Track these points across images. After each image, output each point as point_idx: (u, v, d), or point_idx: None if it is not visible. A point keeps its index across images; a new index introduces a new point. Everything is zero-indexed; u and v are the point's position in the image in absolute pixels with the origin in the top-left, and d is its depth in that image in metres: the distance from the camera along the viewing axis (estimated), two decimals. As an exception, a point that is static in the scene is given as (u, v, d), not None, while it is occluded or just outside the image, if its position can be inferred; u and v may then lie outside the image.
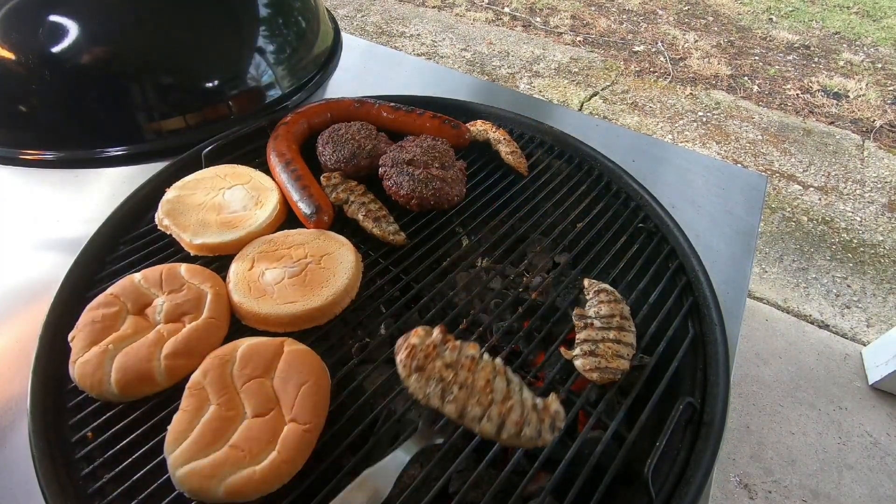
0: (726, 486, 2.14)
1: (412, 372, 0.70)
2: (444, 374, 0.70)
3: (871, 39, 5.46)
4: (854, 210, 3.51)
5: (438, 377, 0.69)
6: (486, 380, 0.71)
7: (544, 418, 0.70)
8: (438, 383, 0.69)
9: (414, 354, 0.71)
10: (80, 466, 0.77)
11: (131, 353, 0.83)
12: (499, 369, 0.73)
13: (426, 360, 0.70)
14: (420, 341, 0.72)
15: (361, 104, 1.37)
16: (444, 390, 0.69)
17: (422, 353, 0.71)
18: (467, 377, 0.70)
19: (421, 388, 0.69)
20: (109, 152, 1.34)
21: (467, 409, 0.68)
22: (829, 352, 2.64)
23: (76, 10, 1.30)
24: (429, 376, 0.69)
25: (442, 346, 0.73)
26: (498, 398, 0.69)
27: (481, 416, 0.68)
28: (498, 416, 0.68)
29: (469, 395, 0.69)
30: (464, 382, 0.70)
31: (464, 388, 0.69)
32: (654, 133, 4.09)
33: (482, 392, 0.69)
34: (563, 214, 1.20)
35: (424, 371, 0.70)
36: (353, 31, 5.17)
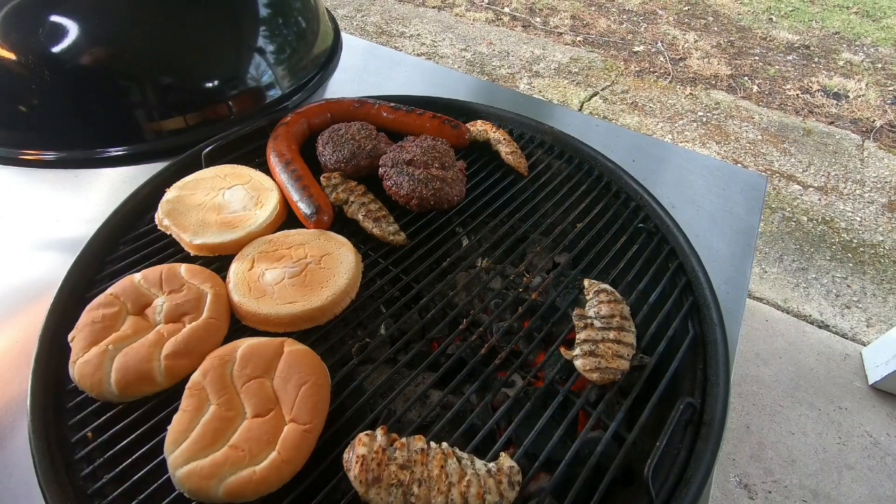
0: (726, 486, 2.14)
1: (370, 486, 0.70)
2: (401, 476, 0.70)
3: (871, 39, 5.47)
4: (854, 210, 3.51)
5: (396, 482, 0.70)
6: (440, 467, 0.72)
7: (501, 479, 0.72)
8: (398, 488, 0.69)
9: (367, 466, 0.70)
10: (79, 467, 0.77)
11: (131, 354, 0.83)
12: (447, 452, 0.75)
13: (380, 468, 0.71)
14: (367, 449, 0.72)
15: (361, 104, 1.37)
16: (405, 493, 0.69)
17: (374, 462, 0.71)
18: (423, 471, 0.71)
19: (383, 500, 0.69)
20: (109, 152, 1.34)
21: (433, 501, 0.69)
22: (829, 352, 2.64)
23: (76, 11, 1.30)
24: (388, 484, 0.70)
25: (390, 449, 0.73)
26: (454, 480, 0.71)
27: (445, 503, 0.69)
28: (461, 497, 0.70)
29: (429, 488, 0.70)
30: (421, 478, 0.71)
31: (423, 485, 0.70)
32: (654, 133, 4.09)
33: (439, 480, 0.71)
34: (563, 214, 1.20)
35: (382, 481, 0.70)
36: (353, 31, 5.17)
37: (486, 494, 0.70)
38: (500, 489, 0.71)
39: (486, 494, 0.70)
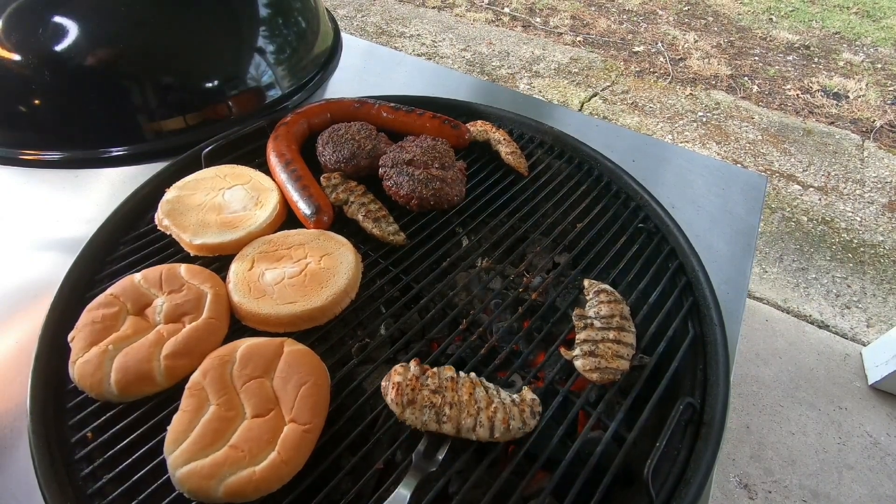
0: (726, 486, 2.14)
1: (405, 407, 0.78)
2: (434, 399, 0.78)
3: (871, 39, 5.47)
4: (854, 210, 3.51)
5: (430, 404, 0.78)
6: (469, 393, 0.80)
7: (524, 409, 0.80)
8: (431, 409, 0.77)
9: (401, 391, 0.78)
10: (79, 467, 0.77)
11: (131, 354, 0.83)
12: (475, 381, 0.82)
13: (414, 392, 0.78)
14: (402, 378, 0.80)
15: (361, 104, 1.37)
16: (438, 414, 0.77)
17: (408, 387, 0.79)
18: (453, 396, 0.79)
19: (417, 419, 0.77)
20: (110, 152, 1.34)
21: (461, 423, 0.77)
22: (829, 352, 2.64)
23: (77, 11, 1.30)
24: (421, 406, 0.77)
25: (423, 377, 0.80)
26: (482, 405, 0.79)
27: (474, 426, 0.77)
28: (488, 421, 0.77)
29: (459, 411, 0.78)
30: (452, 401, 0.78)
31: (454, 407, 0.78)
32: (654, 133, 4.09)
33: (469, 405, 0.78)
34: (563, 214, 1.20)
35: (416, 403, 0.78)
36: (353, 31, 5.17)
37: (510, 420, 0.78)
38: (524, 417, 0.79)
39: (510, 420, 0.78)
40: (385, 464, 0.85)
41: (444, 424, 0.77)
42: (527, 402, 0.81)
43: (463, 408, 0.78)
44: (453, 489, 0.85)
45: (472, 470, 0.79)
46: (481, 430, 0.77)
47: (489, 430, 0.77)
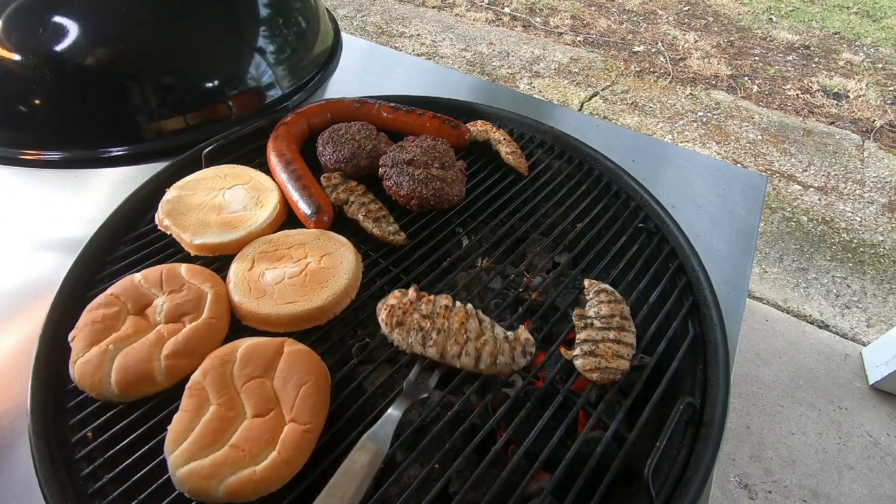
0: (726, 486, 2.14)
1: (393, 328, 0.80)
2: (423, 324, 0.80)
3: (871, 39, 5.47)
4: (854, 210, 3.51)
5: (417, 327, 0.79)
6: (461, 322, 0.80)
7: (516, 347, 0.80)
8: (418, 332, 0.79)
9: (393, 313, 0.80)
10: (80, 466, 0.77)
11: (131, 354, 0.83)
12: (470, 312, 0.82)
13: (405, 315, 0.80)
14: (397, 301, 0.81)
15: (361, 104, 1.37)
16: (424, 338, 0.79)
17: (400, 310, 0.80)
18: (443, 323, 0.80)
19: (403, 340, 0.79)
20: (110, 152, 1.34)
21: (447, 349, 0.78)
22: (829, 352, 2.64)
23: (77, 11, 1.30)
24: (409, 328, 0.79)
25: (418, 303, 0.81)
26: (472, 336, 0.79)
27: (459, 353, 0.78)
28: (475, 351, 0.78)
29: (446, 337, 0.78)
30: (441, 328, 0.79)
31: (441, 333, 0.79)
32: (654, 133, 4.09)
33: (458, 333, 0.79)
34: (563, 214, 1.20)
35: (404, 325, 0.80)
36: (353, 31, 5.17)
37: (499, 355, 0.78)
38: (514, 354, 0.79)
39: (499, 355, 0.78)
40: (385, 464, 0.85)
41: (430, 349, 0.79)
42: (520, 341, 0.81)
43: (451, 335, 0.79)
44: (453, 489, 0.85)
45: (472, 470, 0.79)
46: (466, 358, 0.78)
47: (474, 361, 0.78)
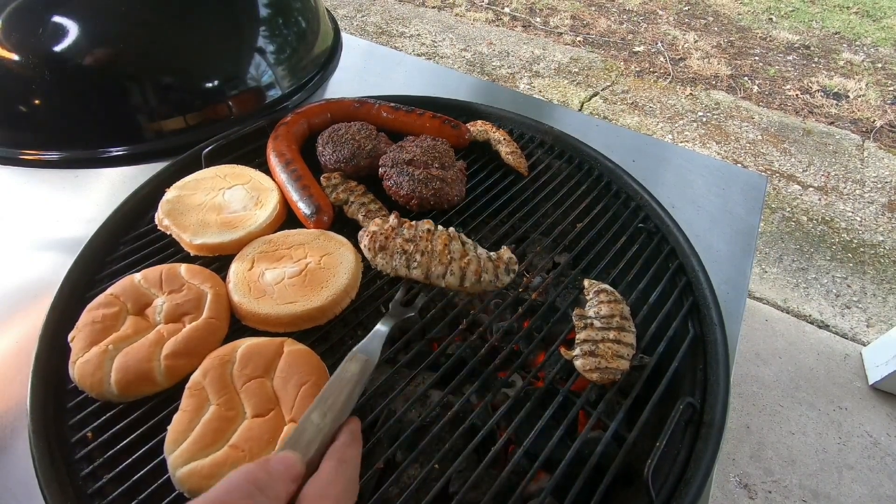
0: (726, 486, 2.14)
1: (377, 252, 0.81)
2: (406, 247, 0.81)
3: (871, 39, 5.47)
4: (854, 210, 3.51)
5: (401, 251, 0.80)
6: (444, 244, 0.82)
7: (499, 265, 0.81)
8: (402, 255, 0.80)
9: (375, 238, 0.81)
10: (80, 466, 0.77)
11: (131, 354, 0.83)
12: (453, 235, 0.83)
13: (387, 240, 0.81)
14: (378, 227, 0.81)
15: (361, 104, 1.37)
16: (408, 260, 0.80)
17: (382, 235, 0.81)
18: (427, 245, 0.81)
19: (387, 264, 0.81)
20: (110, 152, 1.34)
21: (431, 270, 0.80)
22: (828, 352, 2.64)
23: (76, 11, 1.30)
24: (392, 252, 0.80)
25: (400, 228, 0.82)
26: (456, 257, 0.81)
27: (444, 273, 0.80)
28: (459, 270, 0.80)
29: (430, 258, 0.80)
30: (424, 250, 0.80)
31: (425, 255, 0.80)
32: (654, 133, 4.09)
33: (441, 254, 0.81)
34: (563, 214, 1.20)
35: (388, 249, 0.81)
36: (353, 31, 5.18)
37: (483, 273, 0.80)
38: (497, 272, 0.81)
39: (483, 273, 0.80)
40: (385, 464, 0.85)
41: (414, 270, 0.80)
42: (503, 259, 0.83)
43: (435, 256, 0.80)
44: (453, 489, 0.85)
45: (472, 470, 0.79)
46: (451, 277, 0.80)
47: (459, 279, 0.80)
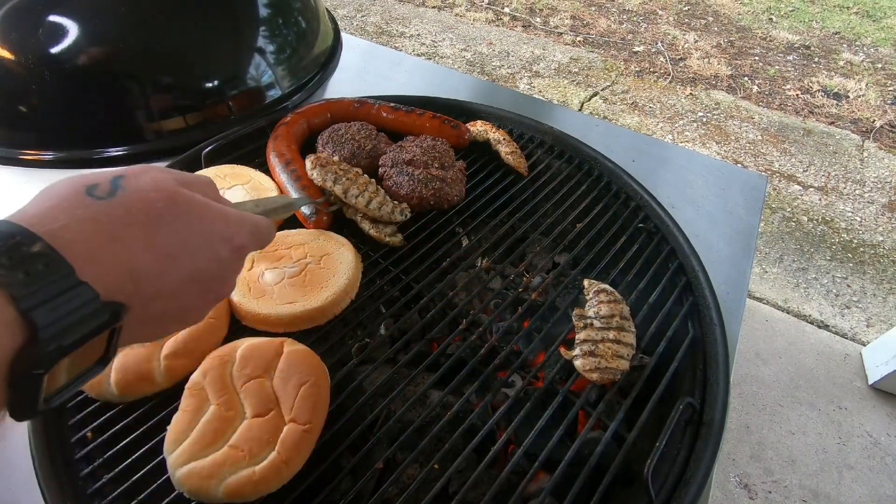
0: (726, 486, 2.14)
1: (316, 167, 1.07)
2: (338, 172, 1.08)
3: (871, 39, 5.47)
4: (854, 210, 3.51)
5: (334, 171, 1.07)
6: (365, 182, 1.10)
7: (397, 208, 1.10)
8: (333, 174, 1.07)
9: (319, 159, 1.09)
10: (79, 466, 0.77)
11: (131, 354, 0.83)
12: (371, 182, 1.11)
13: (327, 164, 1.09)
14: (325, 157, 1.11)
15: (361, 104, 1.37)
16: (336, 178, 1.06)
17: (322, 160, 1.09)
18: (353, 177, 1.09)
19: (321, 176, 1.07)
20: (109, 152, 1.34)
21: (349, 190, 1.06)
22: (828, 352, 2.64)
23: (76, 11, 1.30)
24: (327, 171, 1.07)
25: (339, 163, 1.11)
26: (371, 191, 1.08)
27: (357, 195, 1.06)
28: (368, 196, 1.07)
29: (352, 183, 1.07)
30: (350, 178, 1.08)
31: (349, 181, 1.07)
32: (654, 133, 4.09)
33: (360, 184, 1.08)
34: (563, 214, 1.20)
35: (325, 168, 1.07)
36: (353, 31, 5.18)
37: (384, 206, 1.08)
38: (394, 211, 1.09)
39: (384, 206, 1.08)
40: (385, 463, 0.85)
41: (337, 186, 1.05)
42: (400, 206, 1.10)
43: (355, 183, 1.07)
44: (453, 489, 0.85)
45: (472, 470, 0.79)
46: (360, 199, 1.06)
47: (366, 202, 1.06)
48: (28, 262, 0.38)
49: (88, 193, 0.45)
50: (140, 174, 0.50)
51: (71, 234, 0.41)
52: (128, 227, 0.45)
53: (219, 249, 0.53)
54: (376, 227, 1.10)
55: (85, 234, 0.42)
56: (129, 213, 0.46)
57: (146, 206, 0.47)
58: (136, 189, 0.47)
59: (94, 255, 0.42)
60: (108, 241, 0.43)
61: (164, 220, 0.48)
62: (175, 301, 0.49)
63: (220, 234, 0.53)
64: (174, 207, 0.49)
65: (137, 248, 0.45)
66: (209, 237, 0.52)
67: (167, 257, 0.47)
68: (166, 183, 0.50)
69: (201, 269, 0.51)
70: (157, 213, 0.47)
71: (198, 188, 0.55)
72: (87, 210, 0.44)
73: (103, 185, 0.47)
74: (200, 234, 0.51)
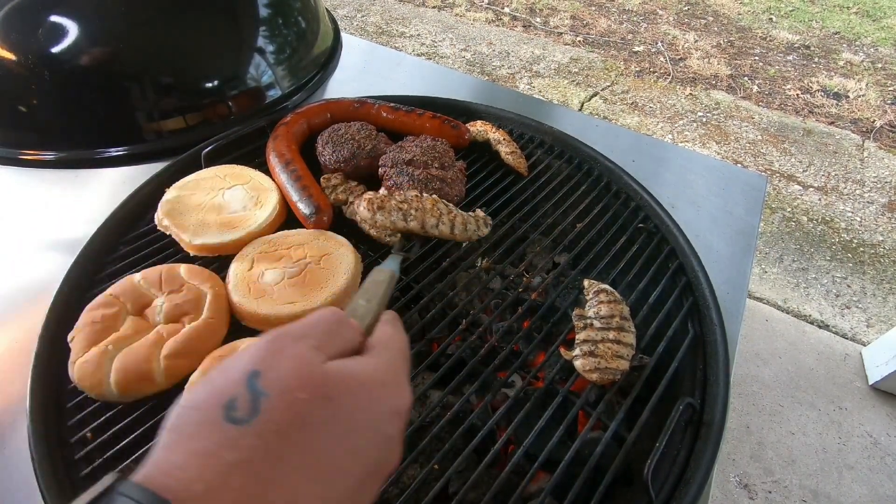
0: (726, 486, 2.14)
1: (376, 211, 0.97)
2: (401, 206, 0.98)
3: (871, 39, 5.47)
4: (854, 210, 3.51)
5: (397, 209, 0.97)
6: (432, 204, 1.01)
7: (479, 220, 1.04)
8: (399, 212, 0.97)
9: (373, 201, 0.98)
10: (79, 466, 0.77)
11: (131, 354, 0.83)
12: (436, 199, 1.03)
13: (383, 202, 0.97)
14: (373, 195, 0.99)
15: (361, 104, 1.37)
16: (405, 215, 0.97)
17: (378, 199, 0.98)
18: (418, 205, 0.99)
19: (387, 219, 0.97)
20: (109, 152, 1.34)
21: (426, 221, 0.98)
22: (829, 352, 2.64)
23: (76, 11, 1.30)
24: (389, 210, 0.97)
25: (390, 196, 1.00)
26: (444, 212, 1.00)
27: (437, 224, 0.98)
28: (449, 222, 0.99)
29: (423, 213, 0.98)
30: (417, 207, 0.98)
31: (419, 211, 0.98)
32: (654, 133, 4.09)
33: (432, 210, 0.99)
34: (563, 214, 1.20)
35: (385, 208, 0.97)
36: (353, 31, 5.17)
37: (467, 224, 1.01)
38: (478, 224, 1.04)
39: (467, 224, 1.01)
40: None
41: (412, 222, 0.96)
42: (479, 217, 1.05)
43: (426, 212, 0.98)
44: (453, 489, 0.85)
45: (472, 470, 0.79)
46: (444, 227, 0.98)
47: (450, 228, 0.99)
48: None
49: (228, 418, 0.36)
50: (276, 363, 0.39)
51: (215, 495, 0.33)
52: (281, 461, 0.35)
53: (387, 429, 0.42)
54: (376, 227, 1.10)
55: (233, 490, 0.33)
56: (281, 435, 0.36)
57: (298, 417, 0.37)
58: (280, 391, 0.37)
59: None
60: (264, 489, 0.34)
61: (324, 429, 0.38)
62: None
63: (387, 412, 0.43)
64: (330, 406, 0.39)
65: (299, 482, 0.36)
66: (376, 424, 0.42)
67: (337, 474, 0.38)
68: (311, 368, 0.40)
69: (372, 462, 0.41)
70: (313, 424, 0.37)
71: (339, 342, 0.44)
72: (231, 449, 0.34)
73: (242, 401, 0.37)
74: (366, 425, 0.41)
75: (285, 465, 0.35)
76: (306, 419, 0.37)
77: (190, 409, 0.38)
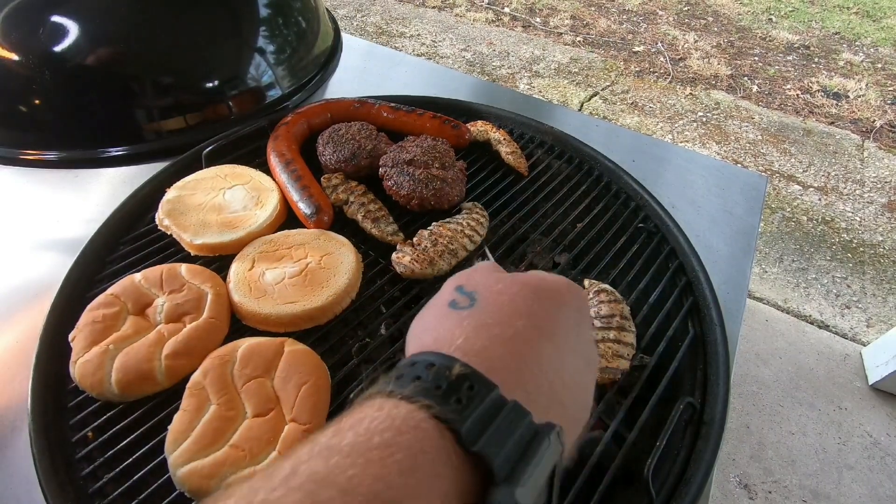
0: (726, 486, 2.14)
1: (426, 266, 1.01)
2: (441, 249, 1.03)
3: (871, 39, 5.47)
4: (854, 210, 3.51)
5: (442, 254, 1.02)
6: (448, 230, 1.07)
7: (481, 221, 1.12)
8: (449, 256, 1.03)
9: (421, 260, 1.00)
10: (80, 466, 0.77)
11: (132, 353, 0.83)
12: (442, 224, 1.09)
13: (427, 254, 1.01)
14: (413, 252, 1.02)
15: (361, 104, 1.37)
16: (451, 257, 1.03)
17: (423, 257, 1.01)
18: (442, 240, 1.05)
19: (443, 268, 1.02)
20: (110, 152, 1.34)
21: (459, 244, 1.05)
22: (828, 352, 2.64)
23: (77, 10, 1.30)
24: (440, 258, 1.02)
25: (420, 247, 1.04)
26: (458, 230, 1.07)
27: (466, 243, 1.06)
28: (472, 244, 1.08)
29: (452, 241, 1.05)
30: (447, 243, 1.04)
31: (451, 242, 1.04)
32: (654, 133, 4.09)
33: (454, 235, 1.06)
34: (563, 214, 1.20)
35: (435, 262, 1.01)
36: (353, 31, 5.18)
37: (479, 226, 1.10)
38: (484, 226, 1.11)
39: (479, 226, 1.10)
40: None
41: (459, 254, 1.04)
42: (481, 214, 1.14)
43: (454, 238, 1.04)
44: (453, 489, 0.85)
45: (473, 470, 0.79)
46: (467, 241, 1.06)
47: (476, 244, 1.07)
48: (455, 388, 0.32)
49: (452, 307, 0.43)
50: (469, 277, 0.47)
51: (473, 346, 0.36)
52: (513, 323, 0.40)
53: (584, 319, 0.47)
54: (378, 226, 1.10)
55: (483, 343, 0.37)
56: (502, 311, 0.41)
57: (510, 299, 0.42)
58: (486, 288, 0.44)
59: (505, 363, 0.36)
60: (508, 346, 0.38)
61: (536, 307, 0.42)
62: (584, 394, 0.43)
63: (577, 309, 0.46)
64: (535, 295, 0.43)
65: (532, 338, 0.39)
66: (582, 318, 0.46)
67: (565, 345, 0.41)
68: (499, 274, 0.47)
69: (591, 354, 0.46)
70: (525, 305, 0.42)
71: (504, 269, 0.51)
72: (471, 318, 0.40)
73: (460, 299, 0.44)
74: (575, 316, 0.45)
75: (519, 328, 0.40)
76: (518, 303, 0.43)
77: (421, 319, 0.47)
